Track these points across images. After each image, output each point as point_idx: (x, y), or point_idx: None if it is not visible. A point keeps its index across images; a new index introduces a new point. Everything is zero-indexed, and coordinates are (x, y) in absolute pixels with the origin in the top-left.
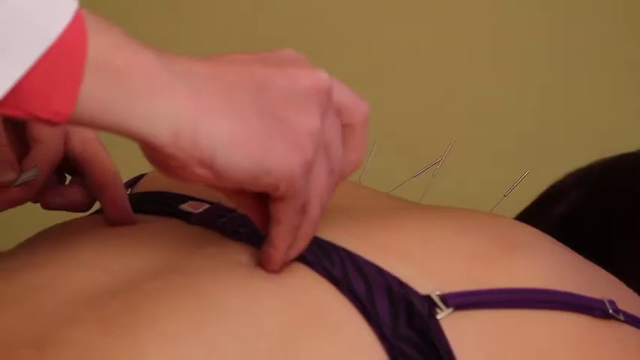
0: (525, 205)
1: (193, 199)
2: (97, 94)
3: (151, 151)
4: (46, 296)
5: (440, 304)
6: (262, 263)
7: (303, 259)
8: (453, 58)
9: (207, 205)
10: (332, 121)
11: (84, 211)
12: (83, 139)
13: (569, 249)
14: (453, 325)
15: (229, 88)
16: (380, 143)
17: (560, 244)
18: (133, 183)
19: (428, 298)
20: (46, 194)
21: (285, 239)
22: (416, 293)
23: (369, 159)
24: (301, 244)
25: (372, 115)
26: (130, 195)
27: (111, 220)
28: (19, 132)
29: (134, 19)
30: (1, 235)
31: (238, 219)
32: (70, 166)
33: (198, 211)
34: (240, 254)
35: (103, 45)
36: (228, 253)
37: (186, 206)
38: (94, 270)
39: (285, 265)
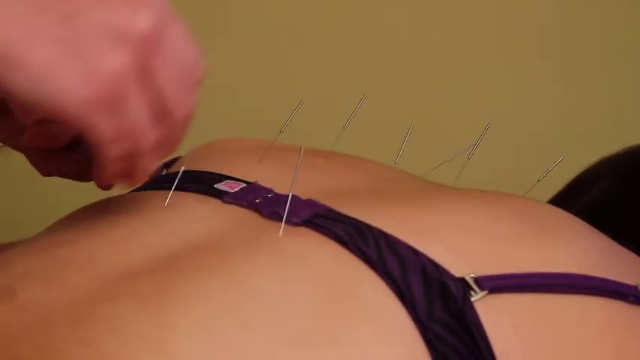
0: (557, 191)
1: (230, 178)
2: None
3: None
4: (81, 273)
5: (474, 286)
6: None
7: (337, 238)
8: (487, 44)
9: (243, 185)
10: (162, 68)
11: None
12: None
13: (603, 234)
14: (487, 308)
15: (33, 13)
16: (415, 126)
17: (594, 229)
18: (169, 164)
19: (462, 281)
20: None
21: (103, 169)
22: (450, 275)
23: (404, 141)
24: (134, 178)
25: (405, 99)
26: (166, 175)
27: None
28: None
29: None
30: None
31: (274, 199)
32: None
33: (234, 190)
34: (274, 234)
35: None
36: (262, 234)
37: (222, 185)
38: (129, 247)
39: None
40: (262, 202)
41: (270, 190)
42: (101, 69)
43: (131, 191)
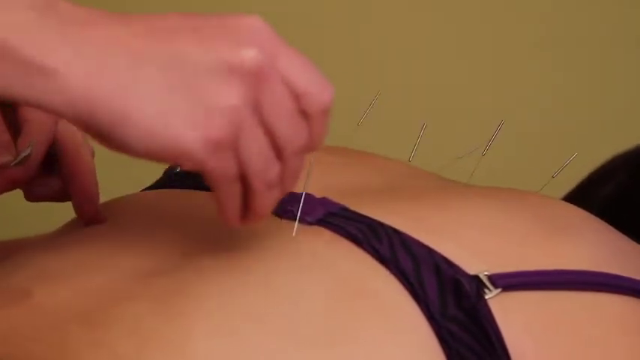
0: (572, 188)
1: None
2: None
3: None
4: (96, 273)
5: (488, 284)
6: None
7: (351, 237)
8: (501, 42)
9: None
10: (272, 102)
11: (65, 200)
12: (66, 126)
13: (616, 231)
14: (500, 305)
15: (136, 63)
16: (428, 123)
17: (608, 225)
18: None
19: (476, 278)
20: (30, 185)
21: (226, 207)
22: (464, 273)
23: (418, 138)
24: (255, 216)
25: (420, 94)
26: (177, 173)
27: (78, 212)
28: (10, 117)
29: None
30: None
31: (287, 197)
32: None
33: None
34: (288, 232)
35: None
36: (275, 231)
37: None
38: (142, 247)
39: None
40: None
41: None
42: (218, 105)
43: (143, 190)
